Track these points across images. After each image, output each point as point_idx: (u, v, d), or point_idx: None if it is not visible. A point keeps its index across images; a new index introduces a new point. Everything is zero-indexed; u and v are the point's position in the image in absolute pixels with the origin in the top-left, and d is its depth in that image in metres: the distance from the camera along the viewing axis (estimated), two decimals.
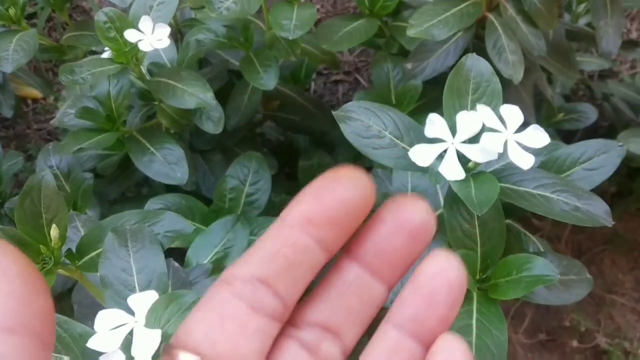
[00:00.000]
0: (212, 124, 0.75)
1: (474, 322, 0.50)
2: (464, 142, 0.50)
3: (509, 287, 0.50)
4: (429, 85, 0.84)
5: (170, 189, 0.81)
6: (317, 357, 0.22)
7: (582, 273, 0.58)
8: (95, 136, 0.70)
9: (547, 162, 0.60)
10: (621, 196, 1.25)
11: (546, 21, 0.77)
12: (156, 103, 0.80)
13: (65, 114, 0.75)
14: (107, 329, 0.42)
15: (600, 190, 1.24)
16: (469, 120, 0.51)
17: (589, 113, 1.09)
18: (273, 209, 0.84)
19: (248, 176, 0.79)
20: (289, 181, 0.99)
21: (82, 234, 0.55)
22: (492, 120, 0.49)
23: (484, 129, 0.50)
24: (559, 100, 1.08)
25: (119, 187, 0.86)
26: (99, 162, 0.88)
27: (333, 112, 0.53)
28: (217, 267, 0.61)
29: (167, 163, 0.72)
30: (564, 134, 1.10)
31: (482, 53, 0.59)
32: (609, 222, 0.52)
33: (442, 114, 0.52)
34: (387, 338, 0.22)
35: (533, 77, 0.92)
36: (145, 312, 0.43)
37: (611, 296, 1.28)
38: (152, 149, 0.72)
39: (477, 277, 0.52)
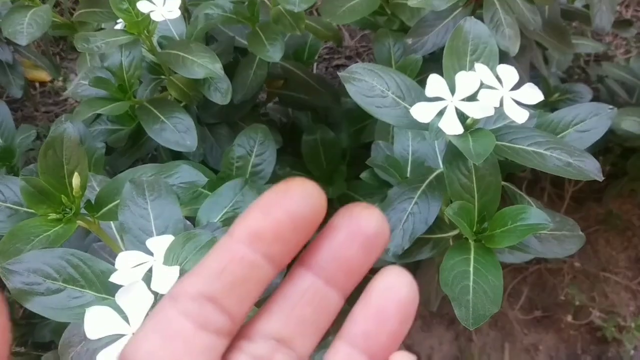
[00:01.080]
0: (220, 95, 0.78)
1: (471, 269, 0.53)
2: (463, 100, 0.53)
3: (504, 236, 0.53)
4: (428, 62, 0.87)
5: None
6: None
7: (574, 230, 0.61)
8: (108, 104, 0.72)
9: (541, 125, 0.63)
10: (615, 177, 1.28)
11: None
12: (165, 77, 0.83)
13: (79, 85, 0.78)
14: (127, 267, 0.45)
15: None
16: (467, 79, 0.54)
17: (584, 93, 1.12)
18: (278, 181, 0.86)
19: (254, 147, 0.82)
20: (293, 157, 1.01)
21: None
22: (489, 78, 0.52)
23: (481, 88, 0.53)
24: (555, 80, 1.11)
25: (129, 159, 0.89)
26: (109, 136, 0.91)
27: (339, 73, 0.56)
28: (227, 226, 0.64)
29: (177, 131, 0.74)
30: None
31: None
32: (599, 177, 0.55)
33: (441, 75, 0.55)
34: (339, 354, 0.22)
35: (529, 55, 0.95)
36: (163, 252, 0.46)
37: (605, 274, 1.31)
38: (162, 117, 0.75)
39: (474, 228, 0.55)
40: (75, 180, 0.50)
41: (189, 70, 0.73)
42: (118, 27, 0.76)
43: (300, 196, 0.20)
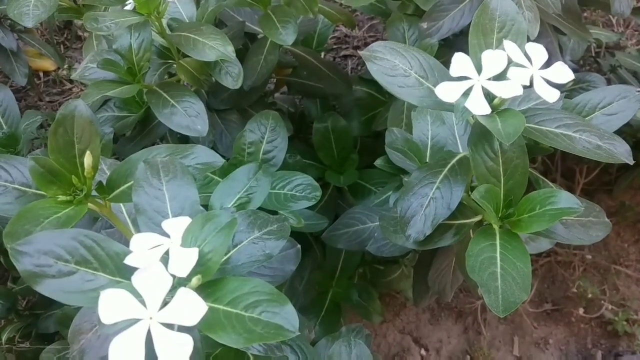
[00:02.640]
0: (231, 79, 0.76)
1: (497, 255, 0.51)
2: (490, 79, 0.51)
3: (532, 221, 0.51)
4: (443, 48, 0.85)
5: None
6: None
7: (600, 216, 0.59)
8: (118, 87, 0.70)
9: (567, 108, 0.61)
10: (626, 169, 1.26)
11: None
12: (174, 62, 0.81)
13: (86, 68, 0.76)
14: (143, 249, 0.42)
15: (605, 162, 1.25)
16: (494, 58, 0.52)
17: (598, 83, 1.09)
18: (288, 169, 0.84)
19: (265, 133, 0.79)
20: (303, 145, 0.99)
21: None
22: (518, 56, 0.50)
23: (508, 67, 0.51)
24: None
25: (136, 147, 0.87)
26: (117, 123, 0.89)
27: (360, 52, 0.54)
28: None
29: (188, 115, 0.72)
30: None
31: None
32: (629, 160, 0.53)
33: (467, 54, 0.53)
34: None
35: (545, 41, 0.93)
36: (180, 234, 0.44)
37: (616, 267, 1.29)
38: (172, 101, 0.73)
39: (500, 213, 0.53)
40: (87, 159, 0.47)
41: (200, 52, 0.71)
42: (127, 7, 0.74)
43: None
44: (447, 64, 0.86)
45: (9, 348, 1.00)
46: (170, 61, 0.82)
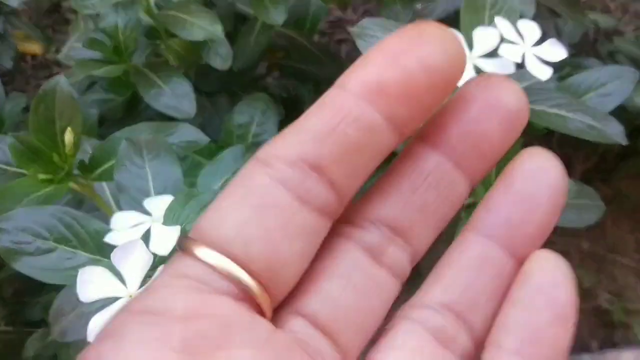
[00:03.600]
0: (220, 60, 0.75)
1: None
2: (482, 56, 0.50)
3: None
4: None
5: None
6: (380, 264, 0.18)
7: (594, 199, 0.59)
8: (104, 66, 0.69)
9: (561, 88, 0.60)
10: (624, 156, 1.26)
11: None
12: (161, 42, 0.80)
13: (72, 49, 0.75)
14: (124, 228, 0.41)
15: (603, 149, 1.23)
16: (486, 35, 0.50)
17: (595, 67, 1.09)
18: None
19: (255, 116, 0.78)
20: None
21: None
22: (510, 33, 0.49)
23: (500, 44, 0.50)
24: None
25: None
26: (103, 106, 0.88)
27: (349, 29, 0.53)
28: None
29: (175, 96, 0.71)
30: None
31: None
32: (623, 140, 0.52)
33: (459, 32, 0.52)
34: (471, 248, 0.18)
35: (541, 24, 0.92)
36: (162, 213, 0.43)
37: (613, 256, 1.29)
38: (159, 82, 0.72)
39: None
40: (68, 136, 0.46)
41: (188, 32, 0.70)
42: None
43: (437, 43, 0.16)
44: None
45: None
46: (157, 41, 0.81)
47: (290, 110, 1.09)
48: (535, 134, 0.59)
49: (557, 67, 1.05)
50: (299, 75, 1.00)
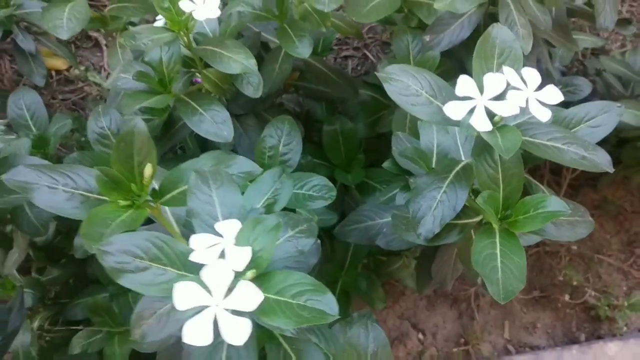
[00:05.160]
0: (252, 89, 0.83)
1: (497, 251, 0.59)
2: (491, 99, 0.59)
3: (526, 222, 0.60)
4: (443, 58, 0.93)
5: (205, 151, 0.89)
6: None
7: (585, 215, 0.68)
8: (151, 97, 0.77)
9: (556, 121, 0.69)
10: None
11: None
12: (196, 71, 0.88)
13: (119, 78, 0.83)
14: (203, 248, 0.50)
15: None
16: (495, 80, 0.60)
17: (583, 86, 1.18)
18: (301, 169, 0.92)
19: (282, 137, 0.87)
20: (312, 146, 1.07)
21: None
22: (515, 80, 0.58)
23: (507, 88, 0.59)
24: (557, 73, 1.17)
25: (161, 148, 0.94)
26: None
27: (376, 74, 0.62)
28: (268, 211, 0.70)
29: (215, 122, 0.79)
30: (560, 106, 1.20)
31: None
32: (610, 169, 0.62)
33: (470, 76, 0.61)
34: None
35: (536, 51, 1.01)
36: (232, 234, 0.51)
37: (599, 256, 1.39)
38: (200, 110, 0.80)
39: (499, 215, 0.62)
40: (148, 170, 0.55)
41: (225, 65, 0.78)
42: (158, 24, 0.81)
43: None
44: (446, 73, 0.94)
45: (39, 334, 1.07)
46: (193, 70, 0.89)
47: (304, 124, 1.18)
48: (534, 161, 0.69)
49: None
50: (313, 95, 1.09)
